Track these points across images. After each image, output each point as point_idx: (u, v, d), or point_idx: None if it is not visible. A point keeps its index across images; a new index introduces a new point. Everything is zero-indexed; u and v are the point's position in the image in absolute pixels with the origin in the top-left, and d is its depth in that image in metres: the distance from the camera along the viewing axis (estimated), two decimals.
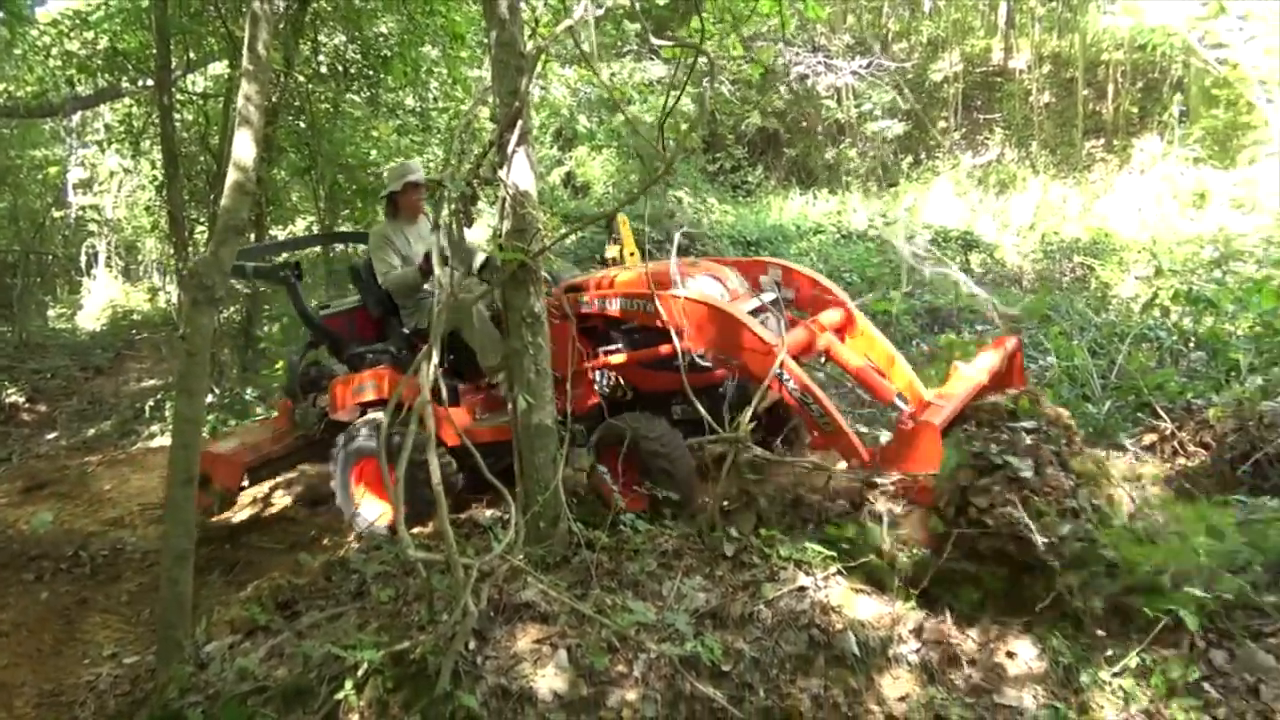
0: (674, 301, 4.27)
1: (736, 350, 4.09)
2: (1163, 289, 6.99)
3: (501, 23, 3.81)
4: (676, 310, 4.24)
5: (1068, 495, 3.30)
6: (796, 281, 4.86)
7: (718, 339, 4.15)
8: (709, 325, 4.17)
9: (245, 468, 5.55)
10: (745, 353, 4.05)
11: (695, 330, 4.19)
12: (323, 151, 9.13)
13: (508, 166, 3.79)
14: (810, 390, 3.86)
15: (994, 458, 3.34)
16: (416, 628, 3.24)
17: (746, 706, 2.83)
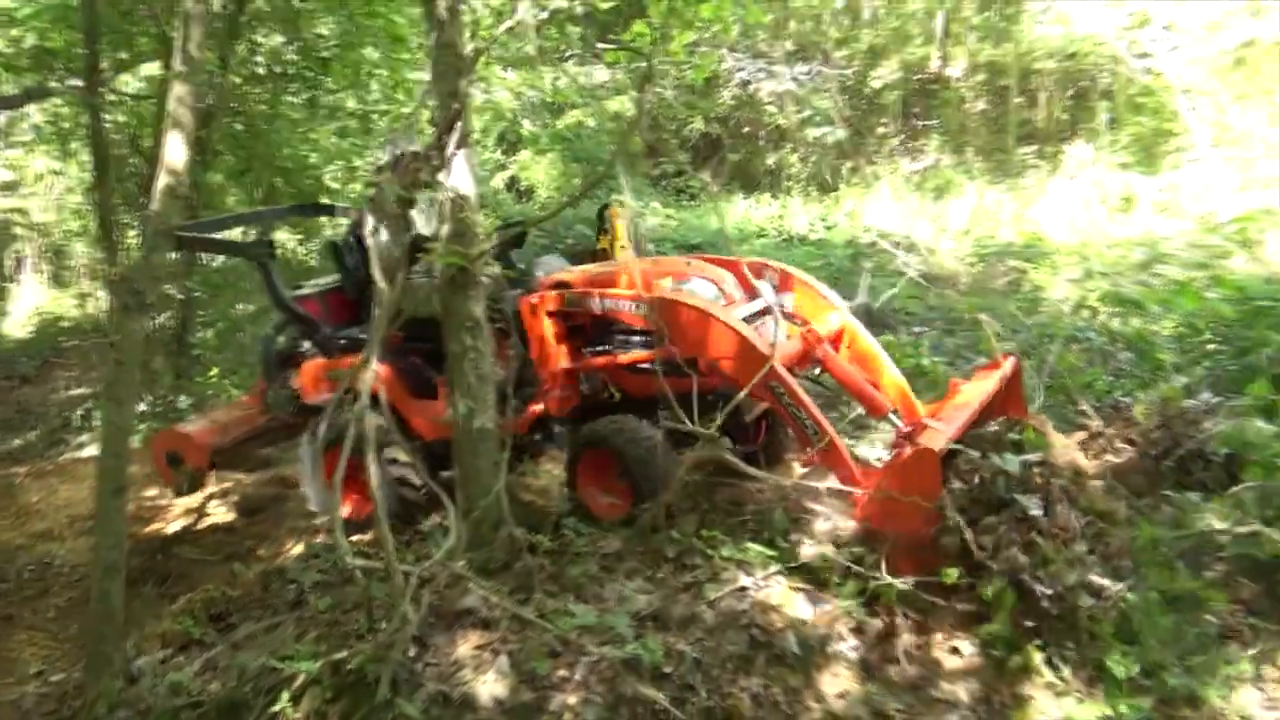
0: (664, 304, 4.10)
1: (728, 359, 3.91)
2: (1092, 291, 7.19)
3: (441, 24, 3.79)
4: (667, 313, 4.06)
5: (1077, 538, 3.17)
6: (791, 285, 4.70)
7: (709, 346, 3.97)
8: (700, 331, 3.98)
9: (214, 448, 5.44)
10: (737, 362, 3.88)
11: (685, 335, 4.01)
12: (260, 154, 8.96)
13: (447, 169, 3.76)
14: (805, 405, 3.69)
15: (1002, 493, 3.21)
16: (355, 636, 3.20)
17: (688, 707, 2.84)
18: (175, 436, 5.62)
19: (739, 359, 3.86)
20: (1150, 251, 9.02)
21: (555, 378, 4.50)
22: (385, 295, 3.54)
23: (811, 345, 4.20)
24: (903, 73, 19.86)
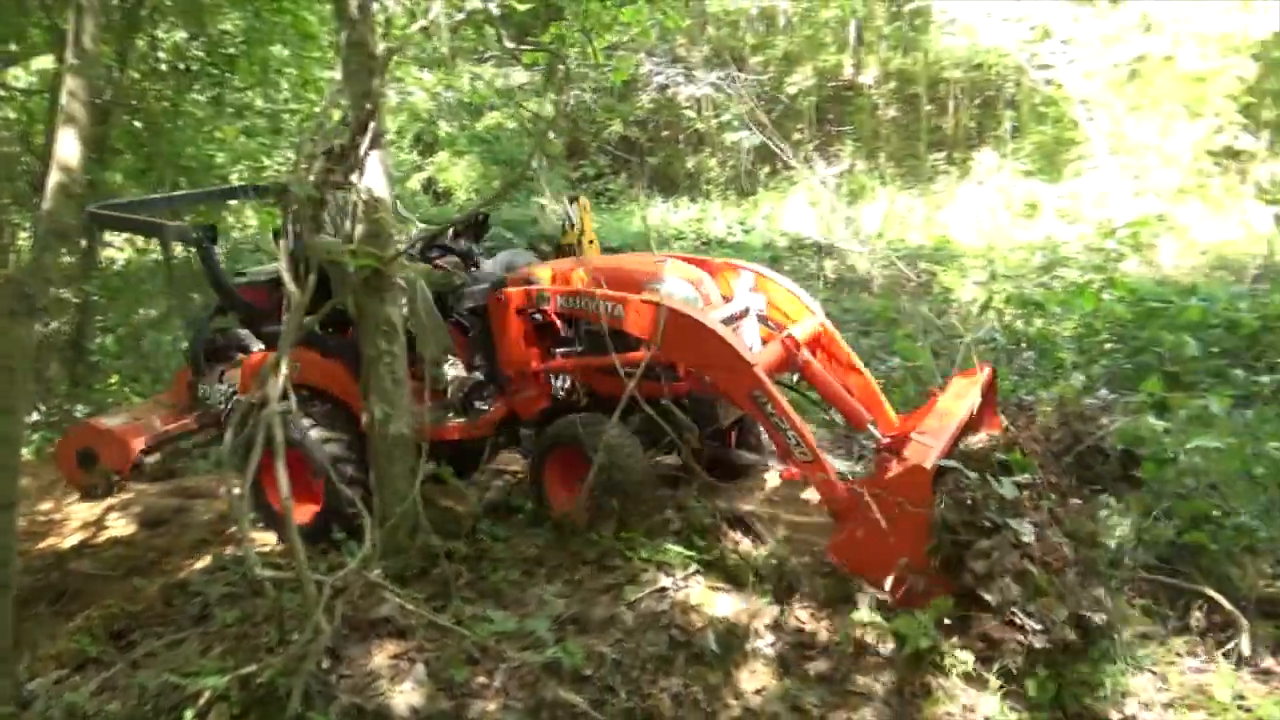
0: (641, 307, 3.91)
1: (709, 365, 3.77)
2: (996, 293, 7.43)
3: (352, 23, 3.72)
4: (645, 316, 3.88)
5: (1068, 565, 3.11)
6: (766, 289, 4.55)
7: (689, 351, 3.82)
8: (679, 335, 3.76)
9: (138, 448, 5.03)
10: (719, 369, 3.73)
11: (668, 339, 3.78)
12: (162, 153, 8.63)
13: (360, 170, 3.69)
14: (788, 417, 3.55)
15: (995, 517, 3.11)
16: (265, 650, 3.10)
17: (608, 709, 2.83)
18: (92, 433, 5.15)
19: (723, 367, 3.70)
20: (1052, 255, 9.38)
21: (525, 378, 4.33)
22: (295, 297, 3.46)
23: (792, 351, 4.08)
24: (817, 79, 20.27)
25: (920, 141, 18.75)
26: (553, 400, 4.33)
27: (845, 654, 3.06)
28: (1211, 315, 6.36)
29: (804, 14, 19.74)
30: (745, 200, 17.02)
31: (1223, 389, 5.29)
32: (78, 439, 5.21)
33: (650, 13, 6.80)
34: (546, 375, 4.32)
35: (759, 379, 3.58)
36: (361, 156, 3.71)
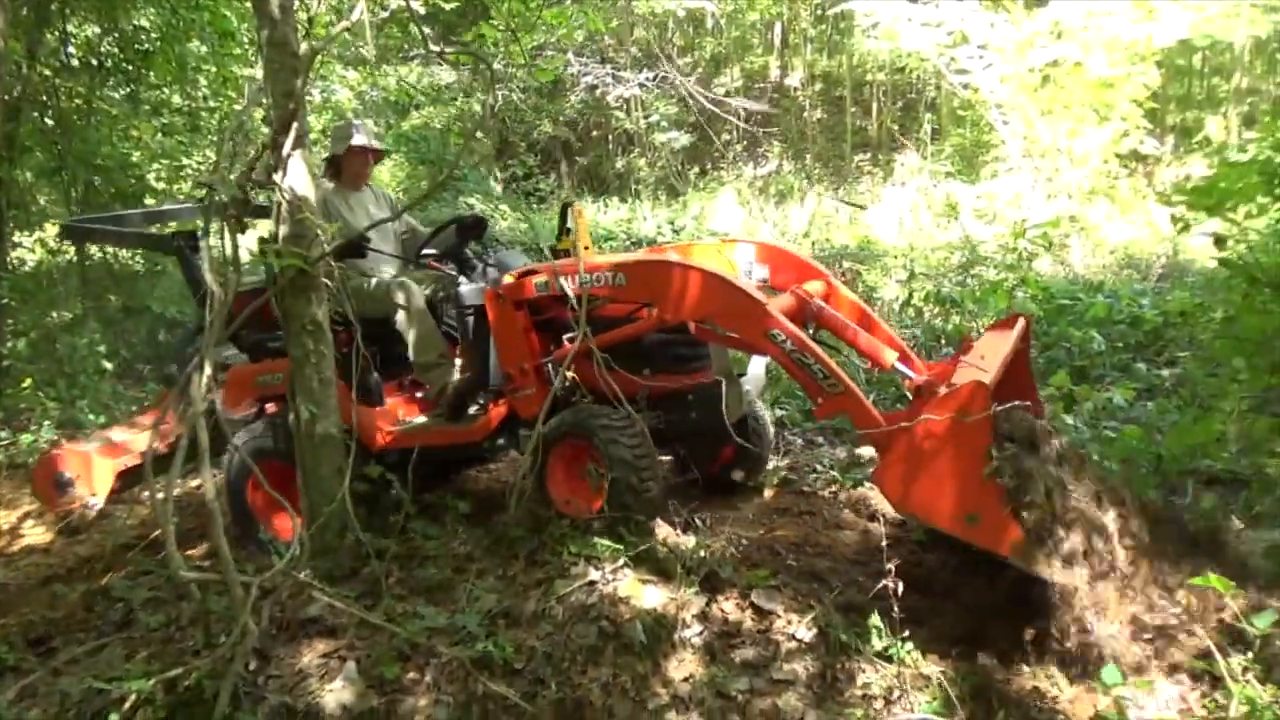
0: (650, 266, 3.87)
1: (720, 314, 3.66)
2: (916, 291, 7.67)
3: (273, 22, 3.70)
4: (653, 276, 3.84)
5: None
6: (771, 257, 4.42)
7: (701, 304, 3.70)
8: (686, 288, 3.70)
9: (121, 471, 4.91)
10: (731, 316, 3.63)
11: (674, 297, 3.72)
12: (74, 151, 8.38)
13: (283, 170, 3.67)
14: (811, 350, 3.44)
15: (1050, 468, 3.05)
16: (191, 653, 3.07)
17: (539, 700, 2.88)
18: (69, 456, 4.99)
19: (734, 313, 3.62)
20: (969, 255, 9.69)
21: (525, 375, 4.21)
22: (218, 300, 3.44)
23: (804, 299, 3.92)
24: (744, 81, 20.54)
25: (845, 143, 19.15)
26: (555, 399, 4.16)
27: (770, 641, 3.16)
28: (1116, 312, 6.67)
29: (730, 16, 19.98)
30: (675, 201, 17.16)
31: (1127, 382, 5.57)
32: (55, 463, 5.03)
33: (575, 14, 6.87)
34: (547, 373, 4.22)
35: (773, 316, 3.50)
36: (285, 156, 3.69)
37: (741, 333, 3.65)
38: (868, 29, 14.45)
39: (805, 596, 3.40)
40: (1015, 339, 3.80)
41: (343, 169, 4.91)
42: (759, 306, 3.54)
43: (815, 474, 4.98)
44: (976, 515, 3.00)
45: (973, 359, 3.47)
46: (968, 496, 3.02)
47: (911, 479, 3.11)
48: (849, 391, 3.42)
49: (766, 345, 3.55)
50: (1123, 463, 4.25)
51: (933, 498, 3.08)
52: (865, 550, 3.97)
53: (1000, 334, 3.90)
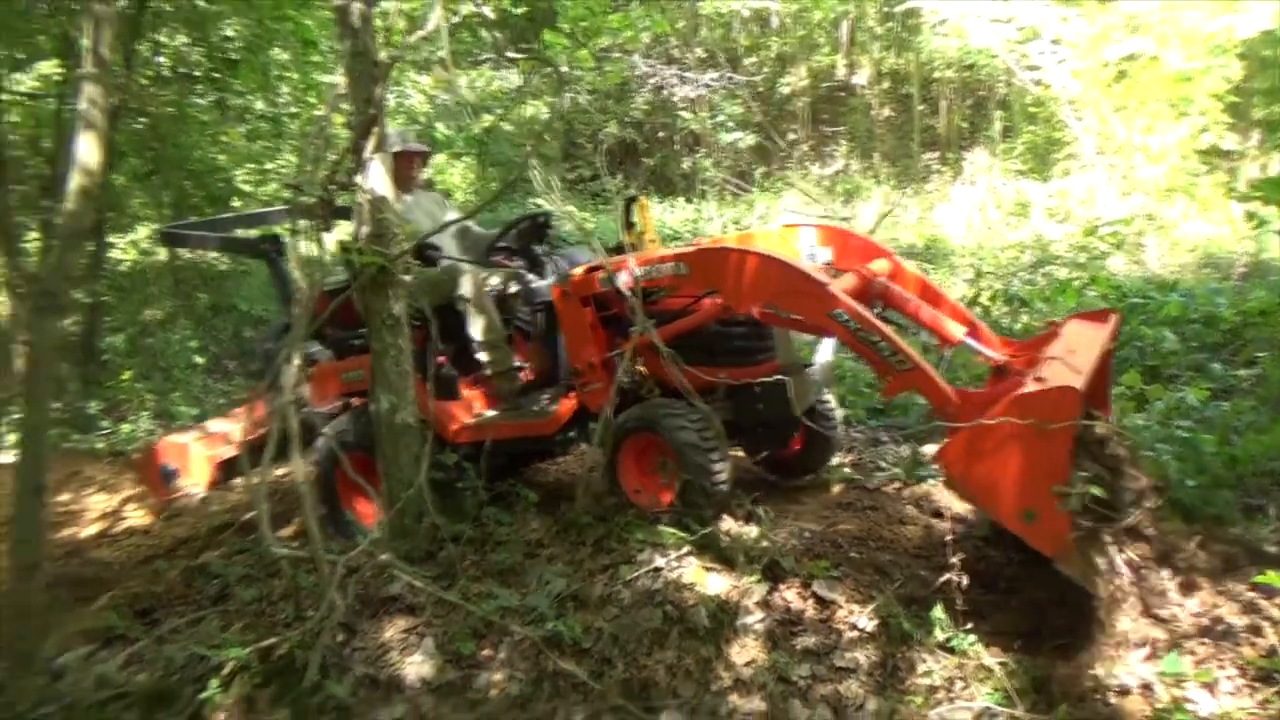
0: (711, 254, 3.90)
1: (782, 296, 3.66)
2: (983, 290, 7.61)
3: (354, 32, 3.89)
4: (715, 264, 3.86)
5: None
6: (833, 240, 4.36)
7: (764, 288, 3.70)
8: (747, 272, 3.71)
9: (217, 462, 5.13)
10: (794, 297, 3.62)
11: (738, 283, 3.73)
12: (168, 156, 8.81)
13: (364, 173, 3.87)
14: (876, 328, 3.41)
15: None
16: (283, 625, 3.29)
17: (606, 679, 3.01)
18: (172, 449, 5.24)
19: (798, 293, 3.60)
20: (1040, 254, 9.56)
21: (593, 370, 4.26)
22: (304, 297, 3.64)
23: (867, 279, 3.89)
24: (810, 80, 20.45)
25: (913, 142, 18.94)
26: (622, 393, 4.19)
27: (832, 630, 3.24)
28: (1191, 310, 6.53)
29: (796, 15, 19.91)
30: (740, 200, 17.19)
31: (1201, 382, 5.47)
32: (159, 455, 5.28)
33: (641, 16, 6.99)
34: (614, 367, 4.20)
35: (836, 296, 3.47)
36: (365, 159, 3.89)
37: (805, 314, 3.65)
38: (935, 26, 14.31)
39: (867, 588, 3.47)
40: (1107, 335, 3.63)
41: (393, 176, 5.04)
42: (821, 287, 3.52)
43: (880, 471, 5.02)
44: (1035, 513, 2.97)
45: (1062, 351, 3.30)
46: (1031, 494, 2.97)
47: (976, 462, 3.05)
48: (918, 368, 3.36)
49: (831, 325, 3.52)
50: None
51: (995, 486, 3.04)
52: (928, 545, 4.01)
53: (1092, 328, 3.71)
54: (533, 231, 4.96)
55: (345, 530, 4.50)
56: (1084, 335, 3.57)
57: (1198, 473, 4.00)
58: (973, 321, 3.91)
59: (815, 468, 4.79)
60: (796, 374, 4.17)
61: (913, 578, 3.61)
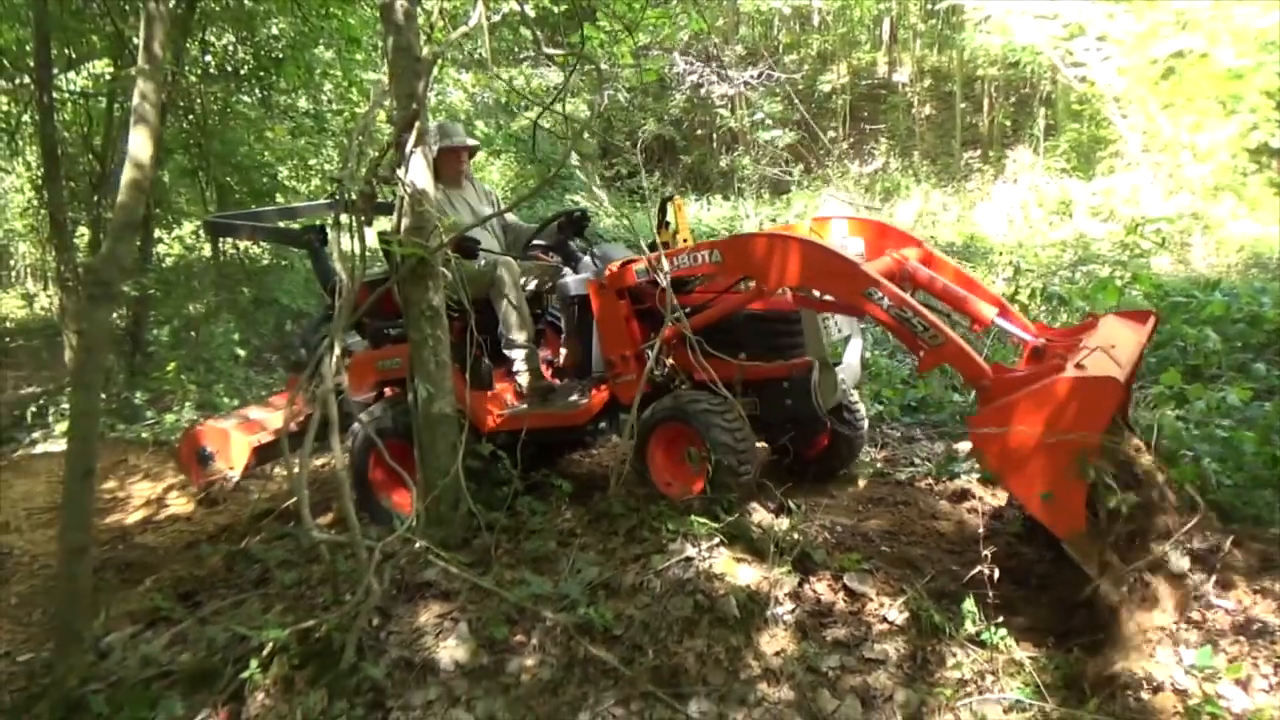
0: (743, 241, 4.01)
1: (816, 278, 3.73)
2: (1021, 287, 7.53)
3: (398, 29, 3.96)
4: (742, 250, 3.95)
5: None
6: (864, 230, 4.42)
7: (793, 269, 3.75)
8: (781, 256, 3.77)
9: (254, 446, 5.24)
10: (827, 278, 3.70)
11: (770, 267, 3.80)
12: (215, 152, 9.00)
13: (406, 166, 3.94)
14: (909, 304, 3.44)
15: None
16: (321, 609, 3.36)
17: (637, 666, 3.04)
18: (210, 433, 5.39)
19: (831, 274, 3.67)
20: (1082, 252, 9.44)
21: (626, 362, 4.36)
22: (346, 288, 3.71)
23: (900, 262, 3.93)
24: (850, 78, 20.34)
25: (954, 140, 18.78)
26: (654, 385, 4.28)
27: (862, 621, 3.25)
28: (1235, 310, 6.42)
29: (838, 12, 19.80)
30: (779, 198, 17.15)
31: (1243, 382, 5.37)
32: (197, 438, 5.42)
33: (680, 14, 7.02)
34: (647, 360, 4.26)
35: (869, 275, 3.51)
36: (408, 154, 3.96)
37: (838, 295, 3.74)
38: (979, 23, 14.17)
39: (897, 581, 3.48)
40: (1144, 336, 3.65)
41: (440, 170, 5.04)
42: (853, 266, 3.56)
43: (912, 466, 5.01)
44: (1053, 494, 3.01)
45: (1102, 343, 3.26)
46: (1052, 475, 3.00)
47: (1005, 439, 3.07)
48: (949, 341, 3.38)
49: (865, 305, 3.55)
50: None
51: (1019, 462, 3.06)
52: (960, 540, 4.01)
53: (1130, 326, 3.72)
54: (570, 226, 5.01)
55: (377, 515, 4.59)
56: (1123, 332, 3.56)
57: (1236, 471, 3.95)
58: (1003, 304, 3.89)
59: (840, 467, 4.82)
60: (825, 371, 4.20)
61: (944, 572, 3.61)
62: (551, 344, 5.10)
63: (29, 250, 16.67)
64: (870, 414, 5.89)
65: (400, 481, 4.38)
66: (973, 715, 2.84)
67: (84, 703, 3.13)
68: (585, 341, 4.62)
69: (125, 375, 8.75)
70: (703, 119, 19.94)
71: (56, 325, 10.16)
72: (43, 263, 15.64)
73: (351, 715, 2.91)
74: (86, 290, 3.64)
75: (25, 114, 10.31)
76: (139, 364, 8.79)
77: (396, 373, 4.66)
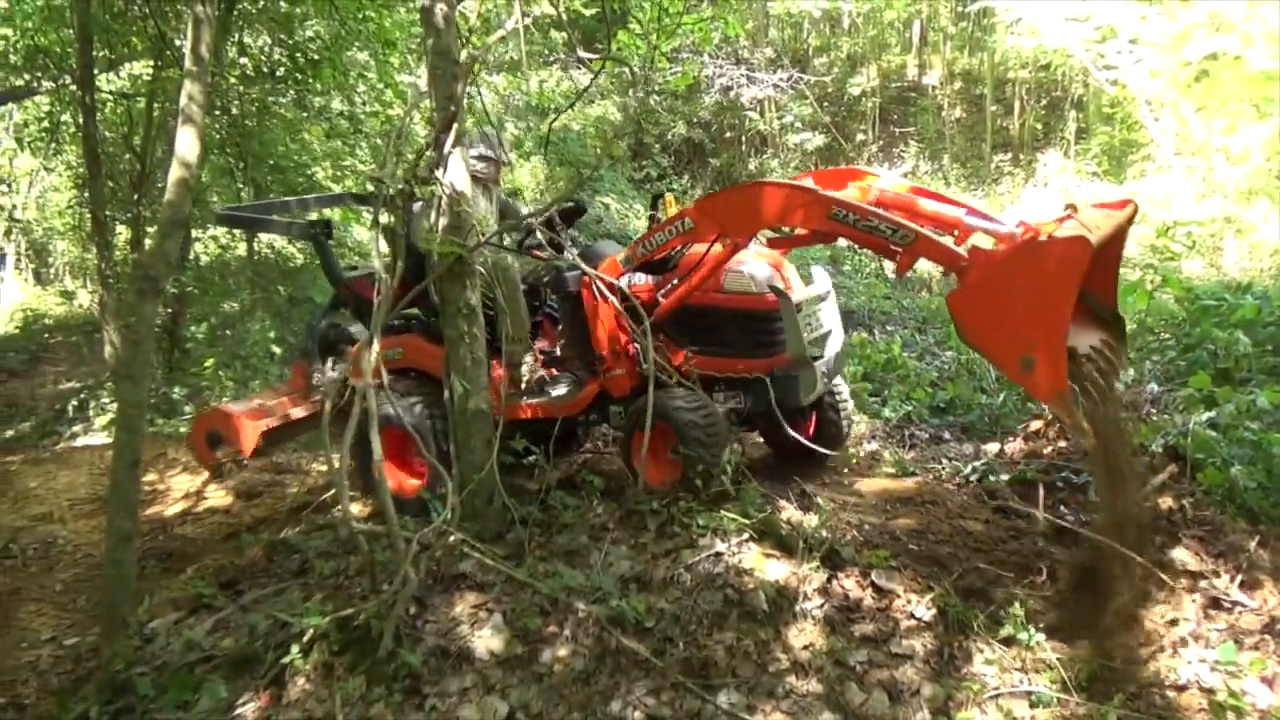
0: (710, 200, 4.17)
1: (784, 213, 3.87)
2: None
3: (437, 32, 4.04)
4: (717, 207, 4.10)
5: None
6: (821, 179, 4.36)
7: (760, 213, 3.93)
8: (749, 204, 3.94)
9: (264, 431, 5.32)
10: (794, 209, 3.81)
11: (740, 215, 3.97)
12: (252, 152, 9.17)
13: (444, 167, 4.02)
14: (872, 213, 3.55)
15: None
16: (359, 598, 3.44)
17: (668, 658, 3.11)
18: (220, 417, 5.46)
19: (796, 206, 3.79)
20: None
21: (616, 357, 4.52)
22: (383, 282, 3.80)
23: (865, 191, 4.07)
24: (880, 80, 20.28)
25: (985, 143, 18.67)
26: (641, 378, 4.43)
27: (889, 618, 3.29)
28: (1267, 314, 6.38)
29: (868, 15, 19.76)
30: None
31: (1274, 386, 5.35)
32: (207, 424, 5.51)
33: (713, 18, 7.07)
34: (636, 355, 4.45)
35: (830, 197, 3.67)
36: (446, 154, 4.04)
37: (808, 224, 3.87)
38: (1010, 25, 14.11)
39: (925, 579, 3.52)
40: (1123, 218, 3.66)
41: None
42: (813, 193, 3.70)
43: (940, 466, 5.04)
44: (1032, 361, 3.02)
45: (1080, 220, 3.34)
46: (1030, 341, 3.03)
47: (982, 309, 3.17)
48: (919, 236, 3.44)
49: (834, 226, 3.67)
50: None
51: (995, 330, 3.14)
52: (987, 540, 4.03)
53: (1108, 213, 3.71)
54: (564, 216, 5.10)
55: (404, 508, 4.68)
56: (1099, 216, 3.59)
57: (1265, 474, 3.95)
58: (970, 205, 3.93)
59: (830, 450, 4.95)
60: (804, 366, 4.32)
61: (971, 570, 3.64)
62: (549, 335, 5.19)
63: (68, 248, 16.98)
64: (899, 415, 5.93)
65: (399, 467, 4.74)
66: (999, 710, 2.88)
67: (129, 685, 3.23)
68: (580, 334, 4.72)
69: (164, 371, 8.92)
70: (732, 122, 19.96)
71: (96, 322, 10.38)
72: (82, 260, 15.94)
73: (389, 701, 2.99)
74: (134, 285, 3.75)
75: (66, 114, 10.55)
76: (177, 360, 8.97)
77: (397, 362, 4.78)
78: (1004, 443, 5.30)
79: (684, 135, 18.95)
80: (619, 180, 16.46)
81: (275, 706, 3.06)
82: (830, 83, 20.03)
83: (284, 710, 3.03)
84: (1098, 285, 3.55)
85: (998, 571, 3.70)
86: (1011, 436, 5.33)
